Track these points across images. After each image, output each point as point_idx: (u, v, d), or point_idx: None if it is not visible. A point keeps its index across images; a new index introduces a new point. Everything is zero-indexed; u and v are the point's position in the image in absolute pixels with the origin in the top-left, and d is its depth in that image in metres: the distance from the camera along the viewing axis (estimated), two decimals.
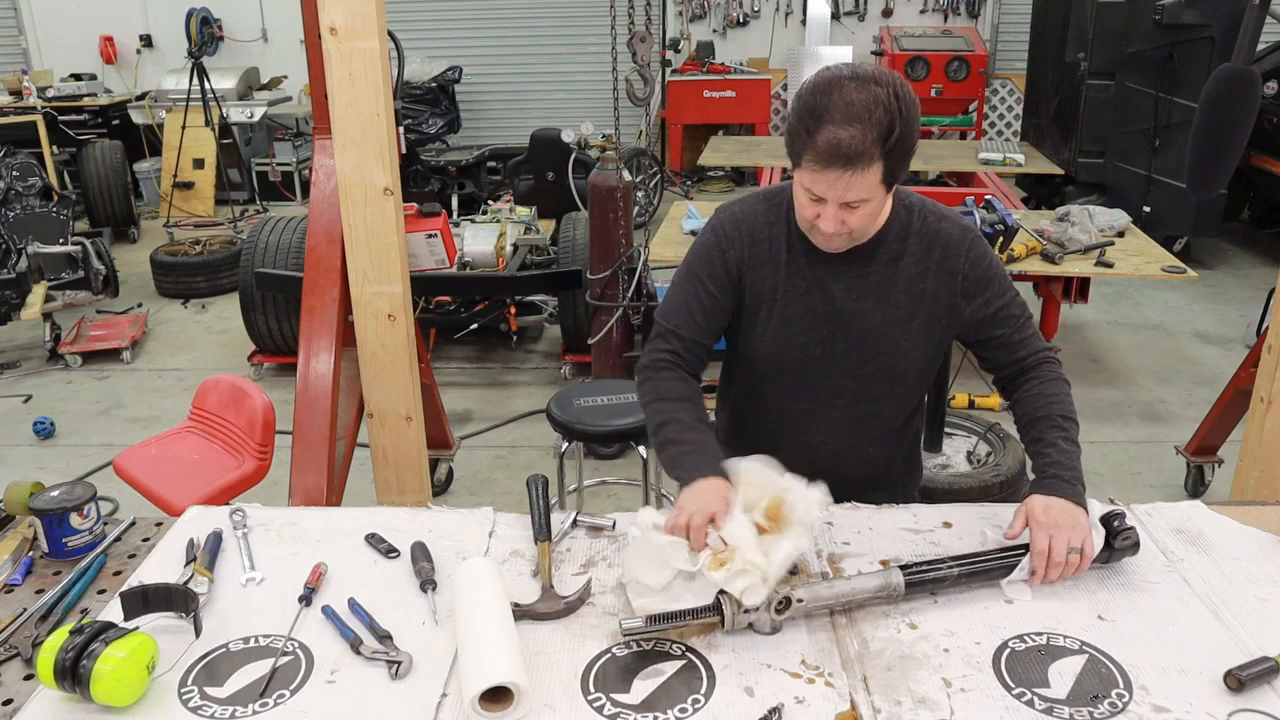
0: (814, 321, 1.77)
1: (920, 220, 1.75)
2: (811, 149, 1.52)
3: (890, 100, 1.50)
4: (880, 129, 1.49)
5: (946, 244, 1.74)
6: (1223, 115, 2.95)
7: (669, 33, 9.21)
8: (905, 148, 1.54)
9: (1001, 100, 9.37)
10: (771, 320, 1.78)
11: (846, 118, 1.49)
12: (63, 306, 5.50)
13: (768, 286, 1.77)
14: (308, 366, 2.86)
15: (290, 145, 8.83)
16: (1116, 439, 4.43)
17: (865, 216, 1.61)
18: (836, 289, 1.75)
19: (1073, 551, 1.56)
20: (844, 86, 1.51)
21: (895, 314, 1.76)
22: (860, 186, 1.54)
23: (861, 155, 1.50)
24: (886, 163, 1.53)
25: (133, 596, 1.51)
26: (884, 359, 1.79)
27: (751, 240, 1.77)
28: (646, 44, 3.75)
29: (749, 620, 1.51)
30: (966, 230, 1.77)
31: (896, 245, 1.74)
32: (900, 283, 1.75)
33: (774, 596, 1.50)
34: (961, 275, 1.75)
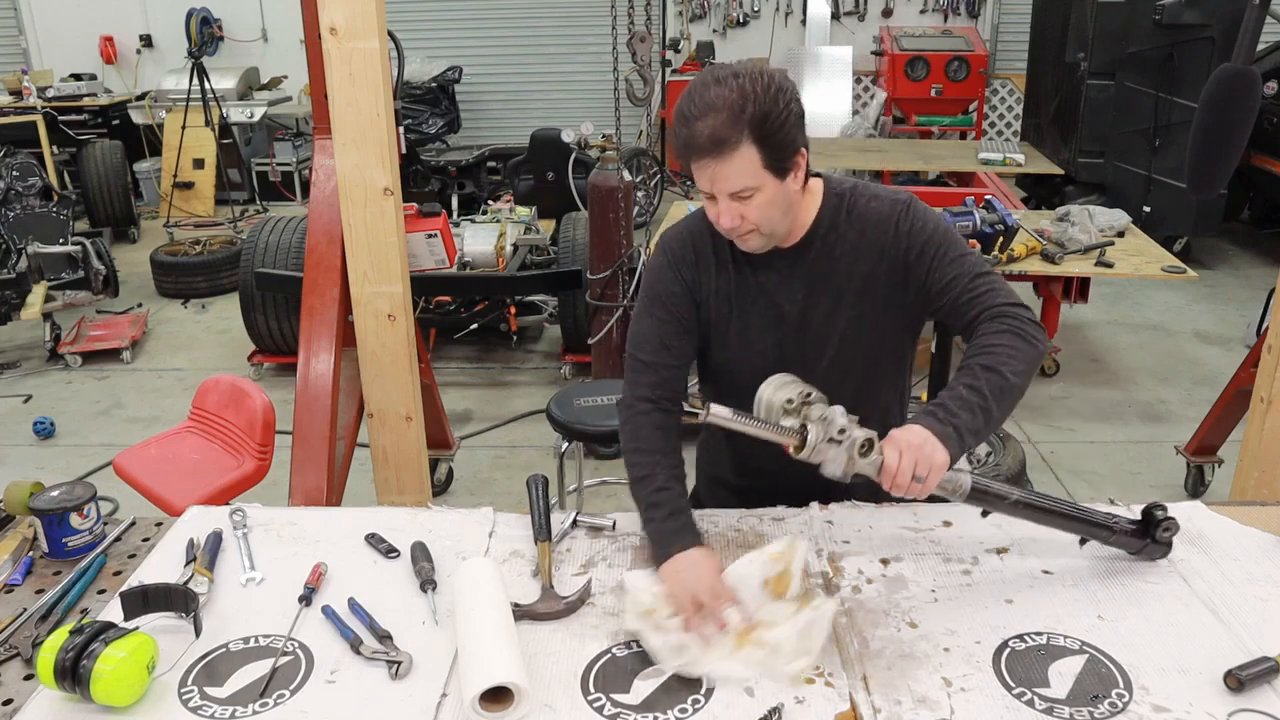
0: (766, 327, 1.77)
1: (850, 204, 1.73)
2: (685, 148, 1.57)
3: (748, 86, 1.52)
4: (734, 110, 1.51)
5: (877, 223, 1.71)
6: (1223, 115, 2.95)
7: (669, 33, 9.20)
8: (773, 126, 1.53)
9: (1001, 100, 9.36)
10: (728, 332, 1.79)
11: (704, 109, 1.53)
12: (63, 306, 5.50)
13: (721, 298, 1.77)
14: (308, 366, 2.86)
15: (290, 145, 8.82)
16: (1116, 439, 4.43)
17: (763, 207, 1.60)
18: (781, 292, 1.75)
19: (916, 480, 1.50)
20: (705, 86, 1.55)
21: (842, 304, 1.73)
22: (735, 173, 1.55)
23: (724, 141, 1.52)
24: (761, 147, 1.53)
25: (133, 596, 1.51)
26: (843, 352, 1.77)
27: (698, 255, 1.78)
28: (646, 44, 3.75)
29: (827, 455, 1.48)
30: (897, 204, 1.72)
31: (830, 235, 1.73)
32: (840, 272, 1.73)
33: (858, 437, 1.47)
34: (894, 251, 1.70)
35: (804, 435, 1.47)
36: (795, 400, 1.50)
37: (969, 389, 1.56)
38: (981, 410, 1.55)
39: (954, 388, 1.58)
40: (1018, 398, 1.61)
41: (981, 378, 1.57)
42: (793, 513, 1.83)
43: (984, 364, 1.58)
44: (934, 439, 1.49)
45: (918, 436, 1.49)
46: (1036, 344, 1.61)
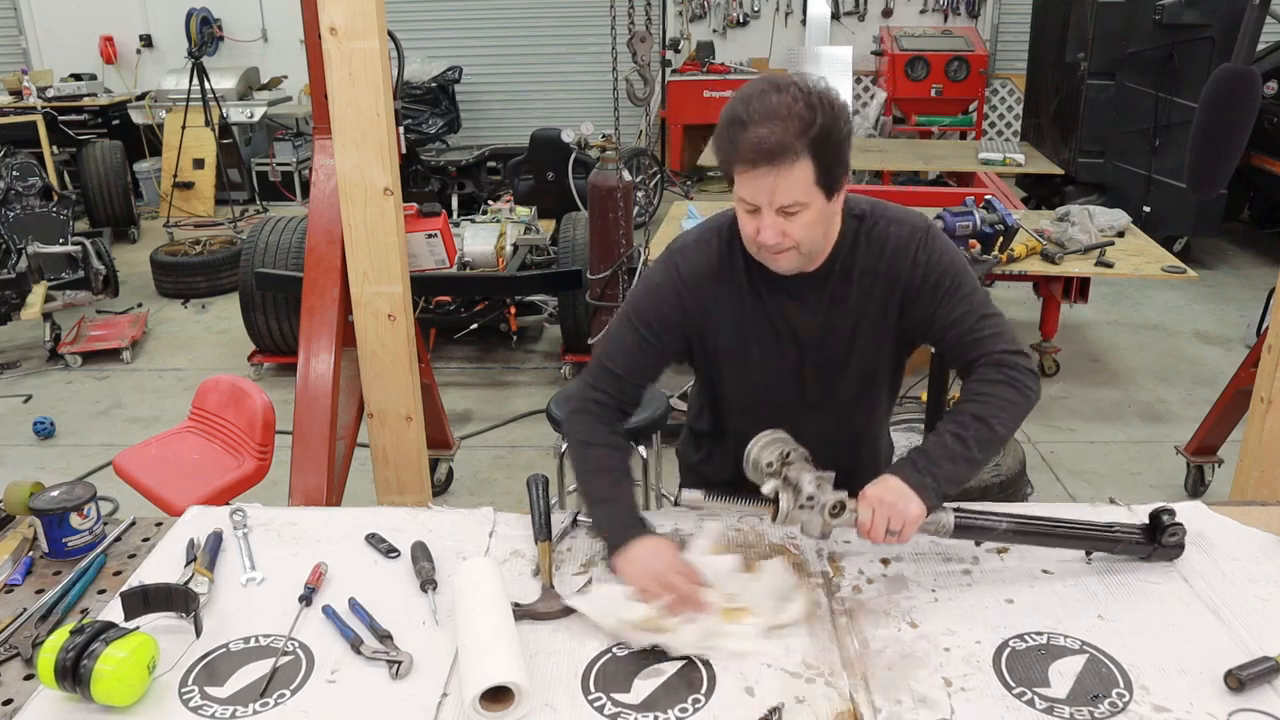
0: (780, 350, 1.75)
1: (870, 226, 1.70)
2: (737, 153, 1.51)
3: (810, 98, 1.49)
4: (800, 122, 1.47)
5: (895, 248, 1.68)
6: (1223, 115, 2.95)
7: (669, 33, 9.20)
8: (833, 144, 1.50)
9: (1001, 100, 9.36)
10: (744, 354, 1.77)
11: (765, 117, 1.48)
12: (63, 306, 5.49)
13: (734, 322, 1.74)
14: (308, 366, 2.86)
15: (290, 145, 8.82)
16: (1116, 439, 4.43)
17: (806, 226, 1.56)
18: (798, 314, 1.72)
19: (890, 534, 1.53)
20: (764, 93, 1.51)
21: (856, 327, 1.72)
22: (790, 186, 1.51)
23: (785, 150, 1.47)
24: (816, 160, 1.50)
25: (133, 596, 1.51)
26: (853, 374, 1.76)
27: (714, 281, 1.72)
28: (646, 44, 3.75)
29: (801, 519, 1.53)
30: (916, 231, 1.69)
31: (849, 259, 1.70)
32: (855, 295, 1.70)
33: (828, 501, 1.52)
34: (906, 279, 1.68)
35: (776, 506, 1.52)
36: (775, 464, 1.55)
37: (955, 438, 1.59)
38: (964, 460, 1.58)
39: (941, 434, 1.61)
40: (1002, 446, 1.65)
41: (970, 428, 1.59)
42: None
43: (975, 413, 1.60)
44: (908, 491, 1.53)
45: (891, 492, 1.53)
46: (1030, 396, 1.63)
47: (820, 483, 1.53)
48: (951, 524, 1.58)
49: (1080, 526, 1.67)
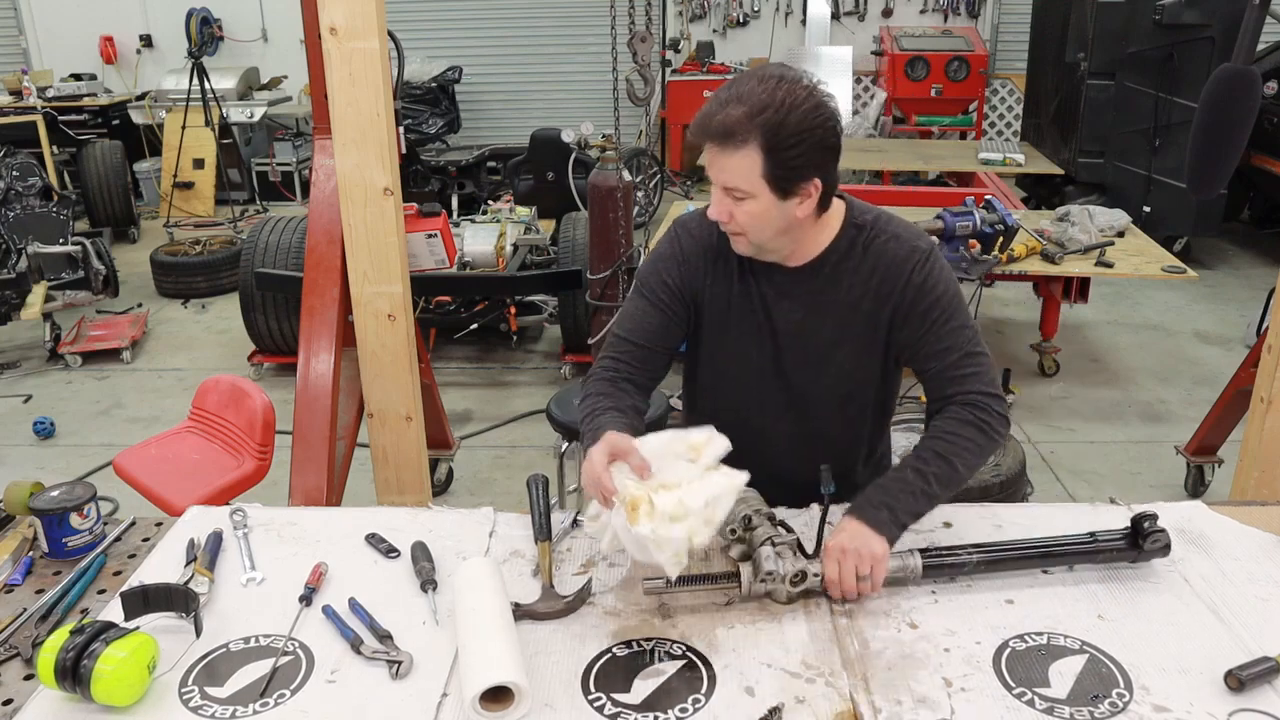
0: (760, 339, 1.76)
1: (869, 239, 1.70)
2: (698, 125, 1.57)
3: (782, 95, 1.51)
4: (753, 107, 1.49)
5: (889, 266, 1.68)
6: (1223, 115, 2.95)
7: (669, 33, 9.20)
8: (786, 144, 1.50)
9: (1001, 100, 9.36)
10: (724, 336, 1.78)
11: (731, 98, 1.52)
12: (63, 306, 5.49)
13: (722, 303, 1.76)
14: (308, 366, 2.86)
15: (290, 145, 8.82)
16: (1116, 439, 4.43)
17: (751, 215, 1.58)
18: (781, 306, 1.73)
19: (862, 580, 1.54)
20: (749, 77, 1.54)
21: (837, 334, 1.73)
22: (733, 169, 1.54)
23: (732, 133, 1.51)
24: (766, 155, 1.51)
25: (133, 596, 1.51)
26: (827, 379, 1.77)
27: (713, 256, 1.75)
28: (646, 44, 3.75)
29: (766, 590, 1.55)
30: (916, 252, 1.68)
31: (841, 265, 1.70)
32: (842, 303, 1.71)
33: (789, 571, 1.53)
34: (898, 298, 1.68)
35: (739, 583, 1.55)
36: (738, 530, 1.57)
37: (916, 473, 1.61)
38: (924, 495, 1.60)
39: (903, 469, 1.63)
40: (960, 486, 1.66)
41: (932, 464, 1.62)
42: (794, 513, 1.82)
43: (939, 450, 1.63)
44: (867, 532, 1.55)
45: (852, 539, 1.54)
46: (995, 441, 1.66)
47: (780, 553, 1.55)
48: (919, 566, 1.59)
49: (1053, 543, 1.65)
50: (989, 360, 1.71)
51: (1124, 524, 1.66)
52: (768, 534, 1.58)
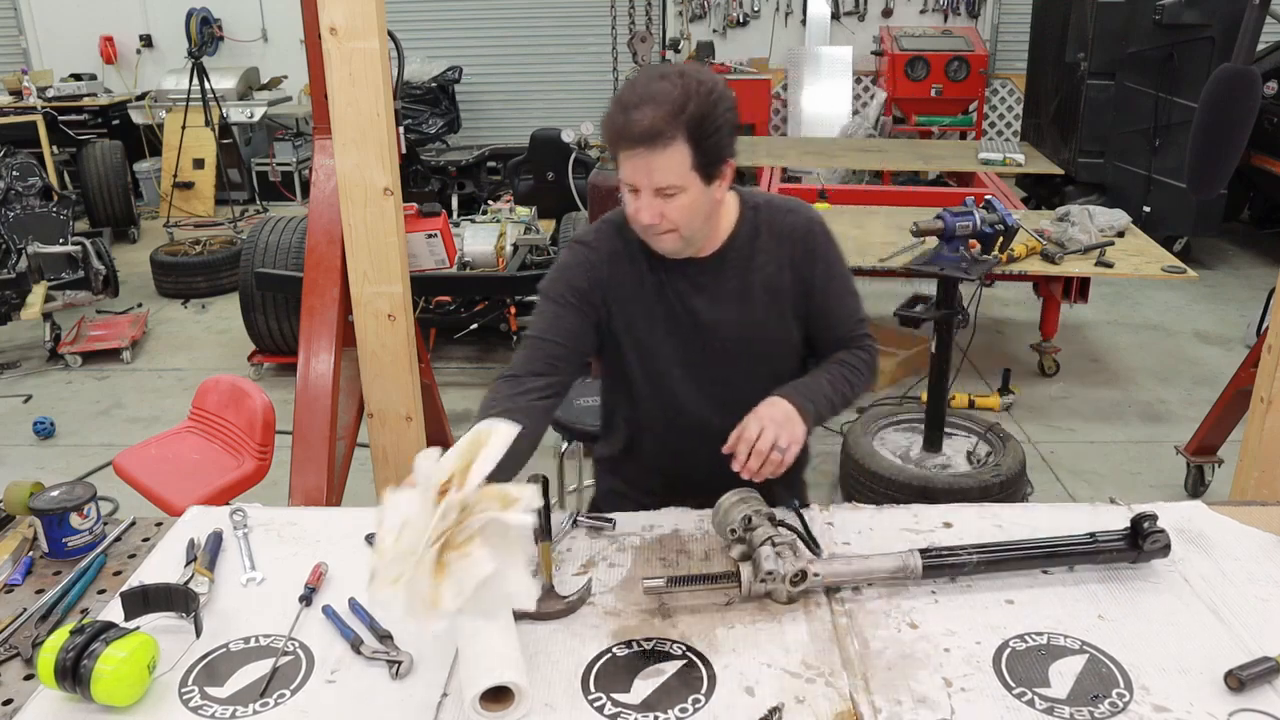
0: (682, 336, 1.79)
1: (767, 216, 1.80)
2: (617, 134, 1.59)
3: (692, 86, 1.57)
4: (674, 106, 1.55)
5: (791, 235, 1.79)
6: (1223, 115, 2.95)
7: (669, 33, 9.20)
8: (709, 130, 1.57)
9: (1001, 100, 9.36)
10: (644, 338, 1.80)
11: (644, 100, 1.56)
12: (63, 306, 5.50)
13: (631, 308, 1.79)
14: (308, 366, 2.86)
15: (290, 145, 8.83)
16: (1116, 439, 4.43)
17: (684, 209, 1.62)
18: (698, 301, 1.77)
19: (776, 449, 1.60)
20: (650, 79, 1.60)
21: (758, 314, 1.79)
22: (665, 167, 1.58)
23: (660, 133, 1.55)
24: (694, 147, 1.57)
25: (133, 596, 1.51)
26: (754, 359, 1.81)
27: (613, 256, 1.79)
28: (646, 44, 3.75)
29: (766, 590, 1.56)
30: (812, 221, 1.82)
31: (747, 248, 1.78)
32: (758, 283, 1.78)
33: (789, 571, 1.54)
34: (803, 266, 1.79)
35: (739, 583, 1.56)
36: (738, 529, 1.60)
37: (830, 378, 1.78)
38: (828, 405, 1.76)
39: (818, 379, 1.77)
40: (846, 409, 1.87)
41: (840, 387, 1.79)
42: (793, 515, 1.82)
43: (847, 376, 1.81)
44: (795, 414, 1.66)
45: (782, 413, 1.65)
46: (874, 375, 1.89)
47: (780, 553, 1.56)
48: (919, 566, 1.59)
49: (1053, 543, 1.65)
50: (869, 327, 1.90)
51: (1124, 524, 1.66)
52: (768, 534, 1.58)
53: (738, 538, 1.62)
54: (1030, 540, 1.66)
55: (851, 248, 4.49)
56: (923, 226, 3.64)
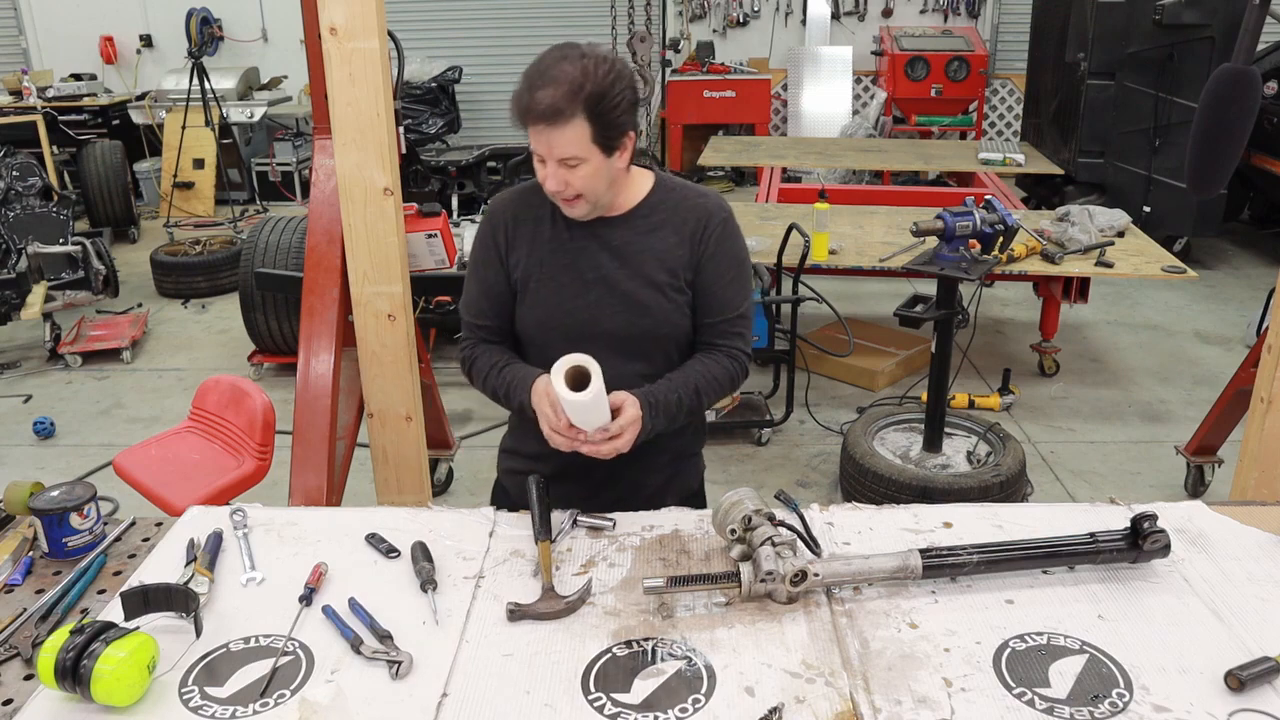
0: (581, 287, 1.87)
1: (680, 195, 1.91)
2: (523, 111, 1.71)
3: (590, 67, 1.69)
4: (572, 85, 1.66)
5: (695, 213, 1.88)
6: (1223, 115, 2.95)
7: (669, 33, 9.20)
8: (607, 106, 1.69)
9: (1001, 100, 9.37)
10: (541, 290, 1.89)
11: (544, 81, 1.68)
12: (63, 306, 5.50)
13: (533, 260, 1.89)
14: (308, 366, 2.86)
15: (290, 145, 8.83)
16: (1116, 439, 4.43)
17: (586, 178, 1.74)
18: (602, 256, 1.87)
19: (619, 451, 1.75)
20: (554, 60, 1.70)
21: (655, 280, 1.86)
22: (566, 141, 1.69)
23: (560, 111, 1.66)
24: (592, 123, 1.68)
25: (133, 596, 1.51)
26: (647, 323, 1.87)
27: (515, 220, 1.91)
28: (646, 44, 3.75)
29: (766, 589, 1.56)
30: (721, 209, 1.91)
31: (655, 217, 1.88)
32: (659, 250, 1.87)
33: (789, 571, 1.54)
34: (699, 246, 1.87)
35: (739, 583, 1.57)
36: (738, 530, 1.63)
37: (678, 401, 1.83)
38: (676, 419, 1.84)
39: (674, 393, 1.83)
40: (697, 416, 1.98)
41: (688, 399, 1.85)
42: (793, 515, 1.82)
43: (699, 387, 1.86)
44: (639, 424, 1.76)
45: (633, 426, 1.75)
46: (737, 387, 1.95)
47: (780, 553, 1.57)
48: (919, 567, 1.59)
49: (1053, 543, 1.65)
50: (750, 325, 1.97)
51: (1124, 524, 1.66)
52: (768, 534, 1.59)
53: (738, 538, 1.62)
54: (1030, 540, 1.66)
55: (851, 248, 4.50)
56: (923, 226, 3.64)
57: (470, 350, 1.98)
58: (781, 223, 4.52)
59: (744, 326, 1.93)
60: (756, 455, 4.32)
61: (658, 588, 1.55)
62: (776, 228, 4.56)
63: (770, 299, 4.39)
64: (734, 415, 4.45)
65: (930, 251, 3.75)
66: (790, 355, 4.47)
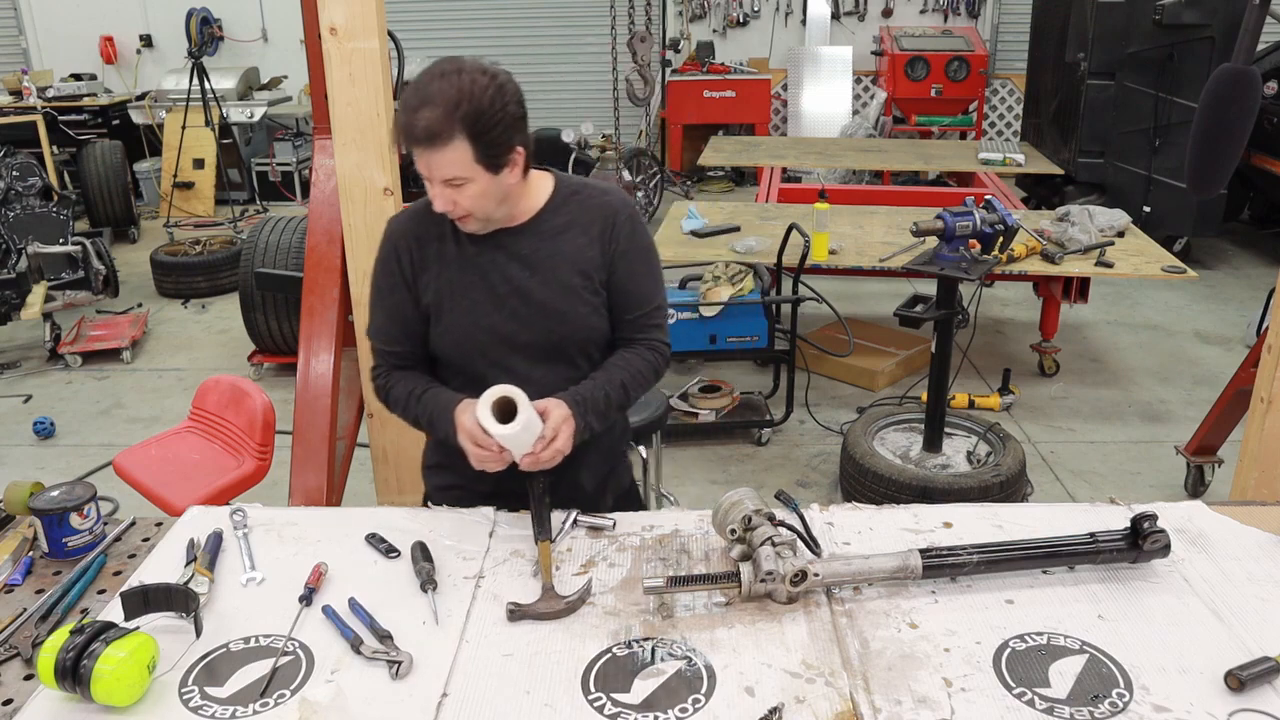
0: (495, 302, 1.83)
1: (582, 196, 1.87)
2: (403, 135, 1.65)
3: (466, 84, 1.62)
4: (449, 106, 1.60)
5: (604, 213, 1.85)
6: (1223, 115, 2.95)
7: (669, 33, 9.20)
8: (486, 125, 1.63)
9: (1001, 100, 9.37)
10: (455, 310, 1.84)
11: (423, 102, 1.62)
12: (63, 306, 5.50)
13: (443, 282, 1.84)
14: (308, 366, 2.86)
15: (290, 145, 8.83)
16: (1116, 439, 4.43)
17: (474, 197, 1.69)
18: (512, 267, 1.83)
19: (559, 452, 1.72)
20: (430, 79, 1.65)
21: (569, 284, 1.83)
22: (448, 163, 1.64)
23: (438, 134, 1.61)
24: (473, 142, 1.63)
25: (133, 596, 1.51)
26: (566, 329, 1.85)
27: (419, 242, 1.85)
28: (646, 44, 3.75)
29: (766, 589, 1.56)
30: (626, 205, 1.89)
31: (560, 220, 1.84)
32: (569, 254, 1.83)
33: (789, 571, 1.54)
34: (609, 243, 1.84)
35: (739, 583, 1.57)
36: (738, 529, 1.63)
37: (606, 398, 1.82)
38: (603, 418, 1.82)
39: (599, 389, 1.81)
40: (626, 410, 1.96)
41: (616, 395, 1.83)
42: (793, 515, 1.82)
43: (624, 382, 1.85)
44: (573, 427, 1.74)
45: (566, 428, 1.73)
46: (659, 378, 1.94)
47: (780, 553, 1.57)
48: (919, 566, 1.59)
49: (1053, 543, 1.65)
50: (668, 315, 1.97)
51: (1124, 524, 1.66)
52: (768, 534, 1.59)
53: (738, 538, 1.62)
54: (1030, 540, 1.66)
55: (851, 248, 4.50)
56: (923, 226, 3.64)
57: (384, 379, 1.91)
58: (781, 223, 4.52)
59: (661, 318, 1.92)
60: (756, 455, 4.32)
61: (658, 588, 1.55)
62: (776, 228, 4.56)
63: (770, 299, 4.40)
64: (734, 415, 4.45)
65: (930, 251, 3.75)
66: (790, 355, 4.47)
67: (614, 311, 1.88)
